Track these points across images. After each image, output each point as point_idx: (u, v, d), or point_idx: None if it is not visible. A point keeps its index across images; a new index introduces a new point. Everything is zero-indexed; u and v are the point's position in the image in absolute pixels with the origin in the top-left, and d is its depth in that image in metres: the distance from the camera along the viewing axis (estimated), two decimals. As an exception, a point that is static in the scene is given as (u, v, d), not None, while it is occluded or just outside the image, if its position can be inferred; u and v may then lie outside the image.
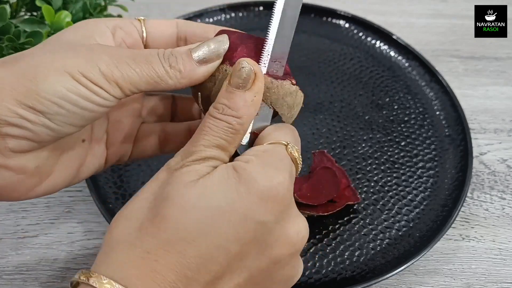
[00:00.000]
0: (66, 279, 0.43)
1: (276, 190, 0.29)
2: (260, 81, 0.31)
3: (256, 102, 0.31)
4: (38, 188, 0.33)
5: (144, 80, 0.31)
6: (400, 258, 0.43)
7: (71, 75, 0.29)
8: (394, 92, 0.58)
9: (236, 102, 0.30)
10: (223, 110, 0.30)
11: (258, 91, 0.31)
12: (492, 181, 0.52)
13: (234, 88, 0.30)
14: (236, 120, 0.30)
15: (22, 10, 0.48)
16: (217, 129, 0.30)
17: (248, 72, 0.30)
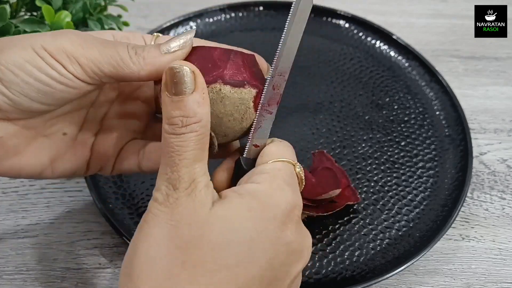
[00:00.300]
0: (66, 279, 0.43)
1: (293, 211, 0.30)
2: (201, 76, 0.29)
3: (206, 98, 0.29)
4: (3, 163, 0.33)
5: (106, 60, 0.30)
6: (400, 258, 0.43)
7: (32, 48, 0.30)
8: (394, 92, 0.58)
9: (190, 108, 0.28)
10: (182, 122, 0.28)
11: (203, 86, 0.29)
12: (492, 181, 0.52)
13: (179, 95, 0.28)
14: (199, 125, 0.29)
15: (22, 10, 0.48)
16: (187, 143, 0.28)
17: (187, 74, 0.29)
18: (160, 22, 0.64)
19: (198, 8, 0.63)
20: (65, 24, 0.44)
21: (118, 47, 0.31)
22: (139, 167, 0.37)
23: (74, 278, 0.43)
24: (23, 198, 0.48)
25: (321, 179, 0.46)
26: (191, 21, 0.62)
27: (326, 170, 0.47)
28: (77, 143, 0.36)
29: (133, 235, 0.44)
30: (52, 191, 0.49)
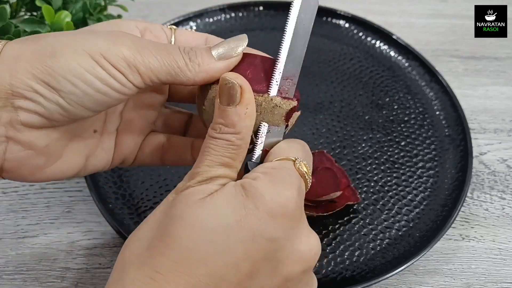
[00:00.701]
0: (66, 279, 0.43)
1: (284, 206, 0.29)
2: (248, 91, 0.31)
3: (250, 114, 0.31)
4: (46, 170, 0.33)
5: (165, 70, 0.31)
6: (400, 258, 0.43)
7: (91, 55, 0.29)
8: (394, 92, 0.58)
9: (230, 118, 0.30)
10: (220, 129, 0.30)
11: (248, 102, 0.31)
12: (492, 181, 0.52)
13: (225, 105, 0.30)
14: (235, 136, 0.30)
15: (22, 10, 0.48)
16: (218, 148, 0.30)
17: (233, 87, 0.30)
18: (160, 22, 0.64)
19: (198, 8, 0.63)
20: (65, 24, 0.44)
21: (174, 54, 0.31)
22: (161, 160, 0.39)
23: (74, 278, 0.43)
24: (23, 198, 0.48)
25: (321, 180, 0.46)
26: (191, 21, 0.62)
27: (326, 171, 0.47)
28: (104, 138, 0.36)
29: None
30: (52, 191, 0.49)
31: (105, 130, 0.36)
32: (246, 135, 0.31)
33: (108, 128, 0.36)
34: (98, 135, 0.36)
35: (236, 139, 0.30)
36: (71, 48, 0.30)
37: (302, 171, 0.32)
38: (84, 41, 0.30)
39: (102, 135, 0.36)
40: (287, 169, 0.31)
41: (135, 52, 0.30)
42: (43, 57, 0.29)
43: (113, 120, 0.37)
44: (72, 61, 0.29)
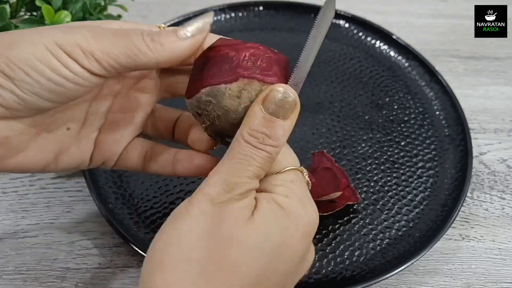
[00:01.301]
0: (66, 279, 0.43)
1: (314, 224, 0.31)
2: (297, 109, 0.31)
3: (291, 131, 0.31)
4: (8, 161, 0.33)
5: (123, 52, 0.30)
6: (400, 258, 0.43)
7: (44, 44, 0.29)
8: (394, 92, 0.58)
9: (276, 132, 0.30)
10: (263, 139, 0.29)
11: (295, 120, 0.31)
12: (492, 181, 0.52)
13: (274, 116, 0.30)
14: (275, 150, 0.30)
15: (22, 10, 0.48)
16: (260, 160, 0.29)
17: (292, 103, 0.30)
18: (159, 22, 0.64)
19: (198, 8, 0.63)
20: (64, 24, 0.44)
21: (132, 36, 0.30)
22: (142, 167, 0.37)
23: (74, 278, 0.43)
24: (23, 198, 0.48)
25: (321, 180, 0.46)
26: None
27: (326, 170, 0.47)
28: (81, 137, 0.36)
29: (133, 235, 0.44)
30: (52, 191, 0.49)
31: (84, 129, 0.36)
32: (280, 150, 0.31)
33: (88, 128, 0.36)
34: (73, 133, 0.35)
35: (275, 153, 0.30)
36: (28, 39, 0.29)
37: (307, 180, 0.33)
38: (41, 32, 0.30)
39: (80, 134, 0.35)
40: (302, 182, 0.32)
41: (90, 39, 0.29)
42: (1, 48, 0.29)
43: (95, 120, 0.36)
44: (26, 51, 0.29)
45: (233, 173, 0.29)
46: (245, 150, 0.29)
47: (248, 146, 0.29)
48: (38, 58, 0.29)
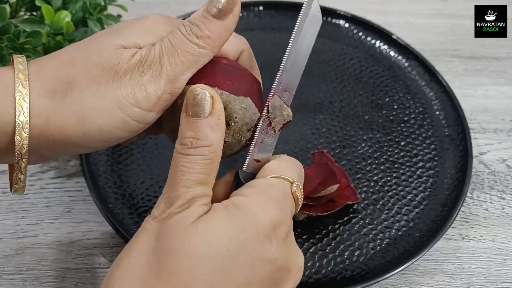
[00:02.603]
0: (66, 279, 0.43)
1: (279, 228, 0.29)
2: (219, 102, 0.30)
3: (221, 125, 0.30)
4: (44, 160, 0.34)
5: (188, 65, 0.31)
6: (400, 258, 0.43)
7: (121, 111, 0.30)
8: (394, 92, 0.58)
9: (202, 131, 0.29)
10: (191, 143, 0.29)
11: (219, 113, 0.30)
12: (492, 181, 0.52)
13: (195, 117, 0.29)
14: (208, 149, 0.29)
15: (22, 10, 0.48)
16: (193, 165, 0.29)
17: (206, 97, 0.29)
18: (160, 22, 0.64)
19: (198, 7, 0.63)
20: (64, 24, 0.44)
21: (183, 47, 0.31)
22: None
23: (74, 278, 0.43)
24: (23, 198, 0.48)
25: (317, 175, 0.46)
26: (191, 21, 0.62)
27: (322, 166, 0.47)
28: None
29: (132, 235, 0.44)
30: (51, 191, 0.49)
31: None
32: (218, 148, 0.30)
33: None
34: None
35: (209, 152, 0.29)
36: (100, 108, 0.30)
37: (297, 195, 0.32)
38: (111, 96, 0.30)
39: None
40: (283, 190, 0.31)
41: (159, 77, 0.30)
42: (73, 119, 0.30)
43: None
44: (101, 124, 0.30)
45: (171, 187, 0.29)
46: (178, 162, 0.29)
47: (179, 156, 0.29)
48: (115, 127, 0.30)
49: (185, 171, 0.29)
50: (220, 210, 0.29)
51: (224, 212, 0.28)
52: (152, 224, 0.28)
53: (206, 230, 0.27)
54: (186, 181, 0.28)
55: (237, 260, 0.27)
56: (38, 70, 0.30)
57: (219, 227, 0.28)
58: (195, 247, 0.27)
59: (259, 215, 0.29)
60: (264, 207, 0.29)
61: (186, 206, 0.28)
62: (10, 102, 0.29)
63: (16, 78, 0.29)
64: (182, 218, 0.28)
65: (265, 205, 0.29)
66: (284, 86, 0.32)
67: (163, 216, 0.28)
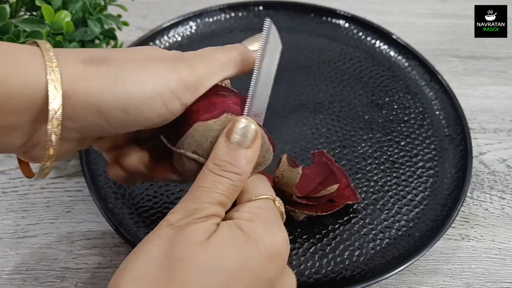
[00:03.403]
0: (66, 279, 0.43)
1: (281, 248, 0.30)
2: (259, 139, 0.32)
3: (255, 160, 0.32)
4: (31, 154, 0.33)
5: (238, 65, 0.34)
6: (399, 258, 0.43)
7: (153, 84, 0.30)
8: (394, 92, 0.58)
9: (238, 160, 0.31)
10: (225, 167, 0.30)
11: (257, 149, 0.32)
12: (491, 181, 0.52)
13: (236, 145, 0.31)
14: (238, 178, 0.31)
15: (21, 10, 0.48)
16: (220, 186, 0.30)
17: (253, 131, 0.31)
18: (159, 21, 0.64)
19: (198, 7, 0.63)
20: (64, 24, 0.44)
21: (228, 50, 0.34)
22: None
23: (74, 278, 0.43)
24: (22, 198, 0.48)
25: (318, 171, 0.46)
26: (191, 21, 0.62)
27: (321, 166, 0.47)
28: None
29: (132, 235, 0.44)
30: (51, 191, 0.49)
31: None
32: (246, 179, 0.31)
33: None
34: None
35: (238, 180, 0.31)
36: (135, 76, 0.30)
37: (281, 210, 0.33)
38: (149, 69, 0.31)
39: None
40: (271, 209, 0.32)
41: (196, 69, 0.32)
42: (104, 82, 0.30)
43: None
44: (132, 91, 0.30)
45: (194, 199, 0.30)
46: (207, 179, 0.30)
47: (210, 174, 0.31)
48: (142, 100, 0.30)
49: (212, 188, 0.30)
50: (226, 229, 0.30)
51: (229, 232, 0.30)
52: (167, 231, 0.29)
53: (216, 247, 0.29)
54: (211, 198, 0.30)
55: (240, 277, 0.28)
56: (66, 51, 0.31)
57: (226, 244, 0.29)
58: (206, 261, 0.28)
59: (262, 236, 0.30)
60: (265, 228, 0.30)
61: (203, 220, 0.29)
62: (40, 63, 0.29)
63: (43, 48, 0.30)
64: (197, 231, 0.29)
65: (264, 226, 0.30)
66: (254, 111, 0.34)
67: (180, 224, 0.29)
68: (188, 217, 0.29)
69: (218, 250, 0.28)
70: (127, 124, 0.31)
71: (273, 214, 0.32)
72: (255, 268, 0.29)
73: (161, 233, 0.29)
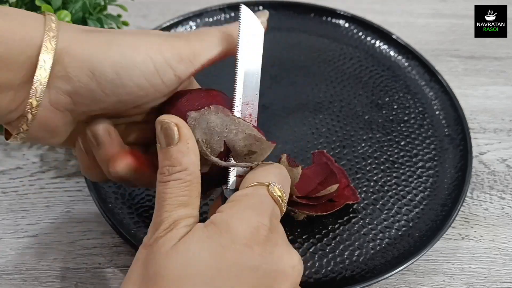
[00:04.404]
0: (66, 279, 0.43)
1: (257, 233, 0.29)
2: (185, 127, 0.31)
3: (192, 148, 0.31)
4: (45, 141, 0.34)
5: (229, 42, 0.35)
6: (399, 258, 0.43)
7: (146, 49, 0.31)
8: (394, 92, 0.58)
9: (175, 157, 0.30)
10: (168, 171, 0.30)
11: (188, 137, 0.31)
12: (491, 181, 0.52)
13: (166, 146, 0.31)
14: (184, 173, 0.30)
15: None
16: (172, 190, 0.30)
17: (170, 126, 0.31)
18: (159, 21, 0.64)
19: (198, 7, 0.63)
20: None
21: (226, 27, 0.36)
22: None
23: (74, 278, 0.43)
24: (22, 197, 0.48)
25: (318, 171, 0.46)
26: (191, 21, 0.62)
27: (321, 166, 0.47)
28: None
29: (132, 235, 0.44)
30: (51, 190, 0.49)
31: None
32: (194, 170, 0.31)
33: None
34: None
35: (186, 175, 0.30)
36: (129, 41, 0.31)
37: (276, 195, 0.32)
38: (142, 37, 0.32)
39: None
40: (259, 195, 0.31)
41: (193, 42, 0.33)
42: (96, 46, 0.30)
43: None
44: (124, 55, 0.31)
45: (157, 214, 0.30)
46: (159, 190, 0.30)
47: (160, 184, 0.30)
48: (135, 64, 0.31)
49: (166, 197, 0.30)
50: (199, 229, 0.29)
51: (203, 230, 0.29)
52: (142, 252, 0.29)
53: (185, 251, 0.28)
54: (168, 205, 0.30)
55: (220, 274, 0.28)
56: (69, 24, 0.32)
57: (197, 245, 0.28)
58: (177, 269, 0.27)
59: (233, 225, 0.29)
60: (238, 216, 0.30)
61: (169, 230, 0.29)
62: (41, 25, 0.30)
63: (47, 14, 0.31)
64: (164, 241, 0.29)
65: (239, 215, 0.30)
66: (245, 100, 0.34)
67: (150, 242, 0.29)
68: (155, 233, 0.29)
69: (186, 254, 0.28)
70: (119, 91, 0.31)
71: (256, 200, 0.31)
72: (233, 261, 0.28)
73: (138, 256, 0.30)
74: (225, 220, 0.29)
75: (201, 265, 0.28)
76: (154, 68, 0.31)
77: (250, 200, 0.31)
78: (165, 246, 0.28)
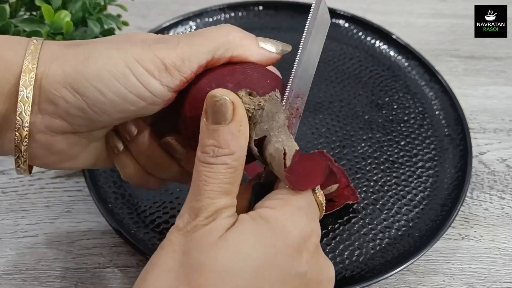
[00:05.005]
0: (66, 279, 0.43)
1: (310, 240, 0.28)
2: (241, 107, 0.29)
3: (244, 131, 0.29)
4: (59, 165, 0.34)
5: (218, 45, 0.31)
6: (399, 258, 0.43)
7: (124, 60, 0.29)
8: (394, 92, 0.58)
9: (223, 138, 0.28)
10: (213, 152, 0.28)
11: (241, 119, 0.28)
12: (491, 181, 0.52)
13: (216, 124, 0.28)
14: (231, 158, 0.28)
15: (21, 10, 0.48)
16: (216, 175, 0.28)
17: (225, 103, 0.28)
18: (159, 21, 0.64)
19: (198, 7, 0.63)
20: (64, 23, 0.44)
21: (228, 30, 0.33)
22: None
23: (74, 278, 0.43)
24: (22, 197, 0.48)
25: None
26: (191, 21, 0.62)
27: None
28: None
29: (132, 235, 0.44)
30: (51, 190, 0.49)
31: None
32: (241, 156, 0.28)
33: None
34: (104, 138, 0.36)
35: (232, 160, 0.28)
36: (106, 54, 0.29)
37: (320, 200, 0.31)
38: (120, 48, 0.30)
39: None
40: (307, 198, 0.30)
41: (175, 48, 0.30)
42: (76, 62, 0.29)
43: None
44: (103, 68, 0.29)
45: (196, 198, 0.28)
46: (200, 171, 0.28)
47: (202, 165, 0.28)
48: (115, 76, 0.29)
49: (209, 181, 0.28)
50: (247, 222, 0.28)
51: (252, 225, 0.28)
52: (177, 237, 0.28)
53: (235, 244, 0.27)
54: (210, 192, 0.28)
55: (267, 275, 0.27)
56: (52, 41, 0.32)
57: (248, 241, 0.27)
58: (224, 262, 0.26)
59: (288, 228, 0.28)
60: (293, 219, 0.28)
61: (212, 218, 0.27)
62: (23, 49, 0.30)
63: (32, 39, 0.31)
64: (210, 231, 0.27)
65: (293, 217, 0.28)
66: (296, 92, 0.32)
67: (188, 228, 0.27)
68: (194, 220, 0.27)
69: (237, 248, 0.26)
70: (107, 107, 0.30)
71: (307, 204, 0.29)
72: (283, 264, 0.27)
73: (172, 239, 0.28)
74: (279, 220, 0.28)
75: (251, 261, 0.26)
76: (136, 80, 0.29)
77: (299, 202, 0.29)
78: (212, 236, 0.27)
